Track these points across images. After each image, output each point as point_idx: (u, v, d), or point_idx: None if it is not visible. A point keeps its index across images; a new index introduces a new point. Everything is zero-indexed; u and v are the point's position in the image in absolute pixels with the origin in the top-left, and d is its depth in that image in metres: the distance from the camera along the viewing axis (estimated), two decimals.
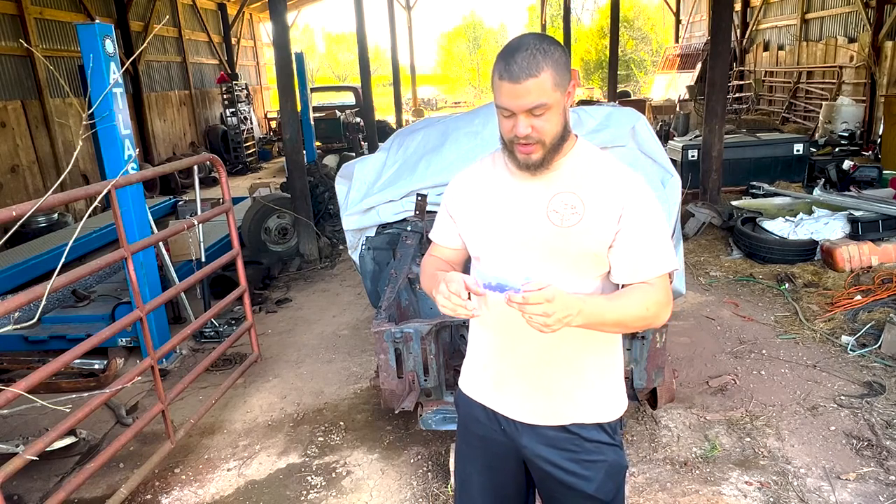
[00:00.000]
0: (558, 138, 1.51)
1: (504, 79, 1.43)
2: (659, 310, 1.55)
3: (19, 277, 5.91)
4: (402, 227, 3.85)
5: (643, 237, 1.55)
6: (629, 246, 1.55)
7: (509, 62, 1.42)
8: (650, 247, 1.56)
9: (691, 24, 22.45)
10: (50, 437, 2.55)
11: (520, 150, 1.51)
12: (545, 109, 1.45)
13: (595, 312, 1.45)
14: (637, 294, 1.54)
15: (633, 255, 1.56)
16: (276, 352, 4.84)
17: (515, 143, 1.50)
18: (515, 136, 1.48)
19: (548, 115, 1.46)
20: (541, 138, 1.48)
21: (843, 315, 4.71)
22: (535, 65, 1.41)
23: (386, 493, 3.13)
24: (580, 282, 1.59)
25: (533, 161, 1.51)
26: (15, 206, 2.25)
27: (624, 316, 1.51)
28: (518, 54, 1.42)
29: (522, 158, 1.52)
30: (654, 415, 3.60)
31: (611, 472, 1.69)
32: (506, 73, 1.43)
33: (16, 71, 9.34)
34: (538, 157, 1.51)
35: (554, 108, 1.46)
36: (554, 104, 1.46)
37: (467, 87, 46.10)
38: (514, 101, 1.44)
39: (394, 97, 18.96)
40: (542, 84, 1.42)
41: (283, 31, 6.96)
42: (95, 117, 4.03)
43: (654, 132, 3.81)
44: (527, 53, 1.42)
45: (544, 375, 1.65)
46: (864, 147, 10.91)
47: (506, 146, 1.55)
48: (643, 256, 1.55)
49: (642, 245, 1.55)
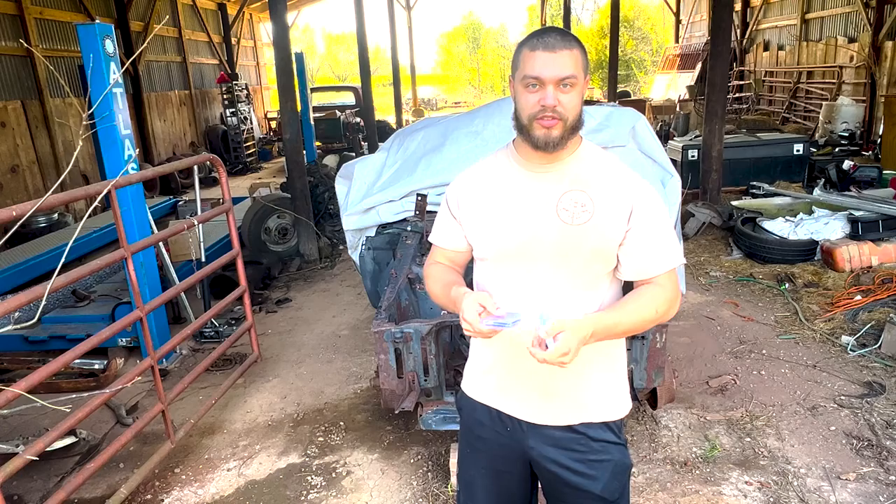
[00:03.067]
0: (576, 121, 1.53)
1: (538, 48, 1.48)
2: (669, 307, 1.59)
3: (19, 277, 5.91)
4: (402, 227, 3.85)
5: (652, 235, 1.58)
6: (639, 244, 1.57)
7: (542, 36, 1.50)
8: (659, 244, 1.58)
9: (691, 24, 22.45)
10: (50, 437, 2.55)
11: (541, 125, 1.51)
12: (573, 84, 1.50)
13: (607, 327, 1.51)
14: (645, 297, 1.57)
15: (642, 253, 1.58)
16: (276, 352, 4.84)
17: (537, 118, 1.50)
18: (542, 108, 1.49)
19: (573, 93, 1.50)
20: (564, 114, 1.50)
21: (844, 315, 4.71)
22: (568, 41, 1.50)
23: (386, 493, 3.13)
24: (588, 280, 1.59)
25: (553, 137, 1.51)
26: (15, 206, 2.25)
27: (635, 322, 1.56)
28: (549, 33, 1.51)
29: (543, 134, 1.51)
30: (654, 415, 3.60)
31: (616, 471, 1.69)
32: (540, 44, 1.48)
33: (16, 71, 9.34)
34: (558, 134, 1.51)
35: (578, 87, 1.51)
36: (579, 83, 1.51)
37: (467, 87, 46.06)
38: (548, 69, 1.47)
39: (394, 97, 18.94)
40: (574, 57, 1.50)
41: (283, 31, 6.96)
42: (95, 117, 4.03)
43: (654, 132, 3.81)
44: (558, 33, 1.51)
45: (550, 377, 1.63)
46: (864, 147, 10.91)
47: (521, 130, 1.56)
48: (652, 254, 1.58)
49: (651, 243, 1.58)
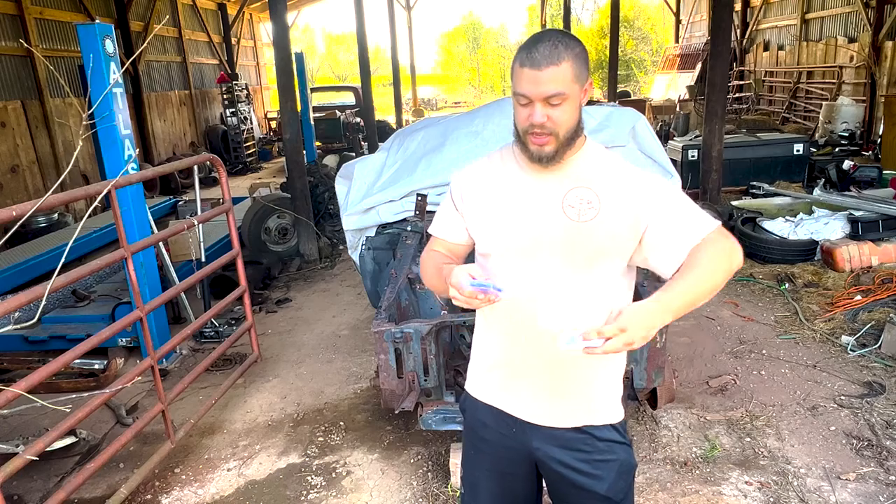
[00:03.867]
0: (572, 132, 1.51)
1: (525, 65, 1.45)
2: (729, 255, 1.49)
3: (19, 277, 5.91)
4: (402, 227, 3.85)
5: (677, 216, 1.52)
6: (667, 231, 1.51)
7: (531, 50, 1.45)
8: (686, 220, 1.51)
9: (691, 24, 22.45)
10: (50, 437, 2.55)
11: (533, 141, 1.50)
12: (562, 100, 1.46)
13: (681, 304, 1.42)
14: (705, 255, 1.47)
15: (675, 237, 1.51)
16: (276, 352, 4.84)
17: (529, 132, 1.50)
18: (531, 125, 1.48)
19: (564, 107, 1.47)
20: (555, 129, 1.48)
21: (844, 315, 4.71)
22: (556, 54, 1.44)
23: (386, 493, 3.13)
24: (597, 278, 1.57)
25: (545, 153, 1.51)
26: (15, 206, 2.25)
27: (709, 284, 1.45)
28: (541, 44, 1.45)
29: (535, 150, 1.51)
30: (654, 415, 3.60)
31: (622, 471, 1.68)
32: (527, 60, 1.45)
33: (16, 71, 9.34)
34: (551, 150, 1.50)
35: (570, 100, 1.47)
36: (571, 96, 1.47)
37: (467, 87, 46.05)
38: (533, 87, 1.45)
39: (394, 97, 18.94)
40: (562, 73, 1.44)
41: (283, 31, 6.96)
42: (95, 117, 4.03)
43: (654, 132, 3.82)
44: (549, 44, 1.45)
45: (554, 377, 1.63)
46: (864, 147, 10.91)
47: (519, 138, 1.55)
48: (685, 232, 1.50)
49: (679, 223, 1.51)
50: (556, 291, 1.57)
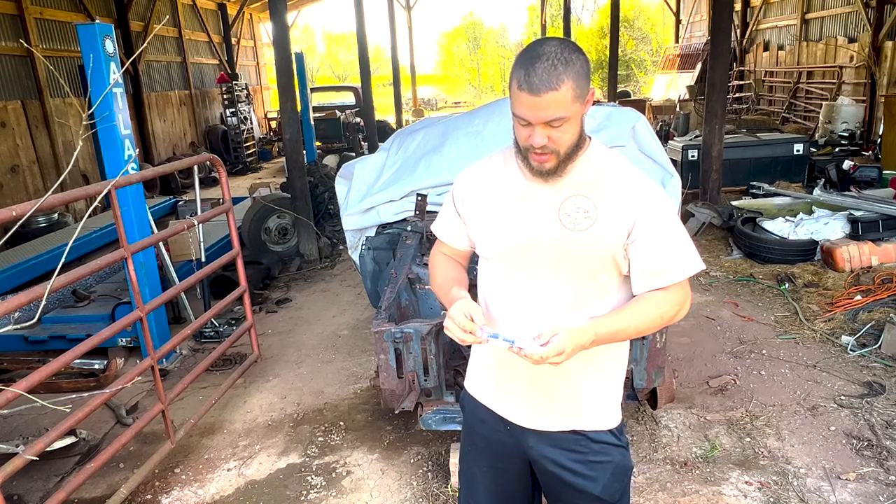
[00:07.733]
0: (573, 147, 1.50)
1: (523, 90, 1.39)
2: (677, 310, 1.56)
3: (19, 277, 5.91)
4: (402, 227, 3.85)
5: (659, 245, 1.53)
6: (646, 255, 1.53)
7: (529, 72, 1.38)
8: (668, 253, 1.53)
9: (691, 24, 22.45)
10: (50, 437, 2.55)
11: (534, 159, 1.50)
12: (563, 122, 1.43)
13: (610, 333, 1.50)
14: (650, 300, 1.54)
15: (650, 266, 1.54)
16: (276, 352, 4.84)
17: (530, 151, 1.49)
18: (531, 146, 1.47)
19: (565, 127, 1.45)
20: (556, 148, 1.47)
21: (843, 315, 4.71)
22: (555, 77, 1.37)
23: (386, 493, 3.13)
24: (593, 288, 1.57)
25: (546, 169, 1.51)
26: (15, 206, 2.25)
27: (639, 327, 1.54)
28: (539, 64, 1.38)
29: (536, 166, 1.52)
30: (654, 415, 3.60)
31: (617, 472, 1.68)
32: (525, 84, 1.39)
33: (16, 71, 9.33)
34: (552, 166, 1.51)
35: (571, 120, 1.45)
36: (572, 116, 1.44)
37: (467, 88, 46.06)
38: (532, 112, 1.42)
39: (394, 97, 18.95)
40: (562, 97, 1.39)
41: (283, 31, 6.96)
42: (95, 117, 4.03)
43: (653, 132, 3.81)
44: (548, 64, 1.37)
45: (541, 382, 1.64)
46: (864, 147, 10.91)
47: (520, 151, 1.55)
48: (661, 265, 1.53)
49: (659, 253, 1.53)
50: (552, 298, 1.58)
